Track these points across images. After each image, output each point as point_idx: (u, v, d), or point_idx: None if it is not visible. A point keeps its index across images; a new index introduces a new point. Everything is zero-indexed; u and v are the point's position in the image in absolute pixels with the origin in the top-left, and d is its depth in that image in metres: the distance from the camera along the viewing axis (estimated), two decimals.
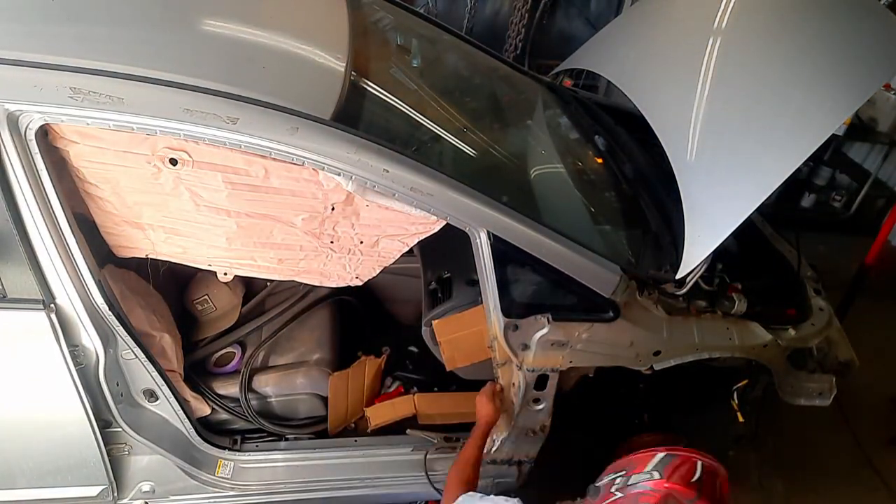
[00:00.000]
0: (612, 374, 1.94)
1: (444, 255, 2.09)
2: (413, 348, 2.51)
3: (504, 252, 1.65)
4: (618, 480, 1.41)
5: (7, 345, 1.57)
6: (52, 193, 1.44)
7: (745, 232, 1.77)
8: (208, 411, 2.03)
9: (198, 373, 2.11)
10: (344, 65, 1.70)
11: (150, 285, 2.02)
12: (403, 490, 2.10)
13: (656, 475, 1.35)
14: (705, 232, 1.72)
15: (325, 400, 2.15)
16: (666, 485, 1.32)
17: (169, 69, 1.40)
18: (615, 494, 1.37)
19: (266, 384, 2.11)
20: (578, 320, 1.78)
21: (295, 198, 1.61)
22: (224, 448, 2.03)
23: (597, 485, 1.46)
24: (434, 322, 1.95)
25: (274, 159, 1.47)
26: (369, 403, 2.23)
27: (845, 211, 4.60)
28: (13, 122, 1.34)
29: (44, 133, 1.40)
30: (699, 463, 1.38)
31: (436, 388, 2.33)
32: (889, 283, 3.81)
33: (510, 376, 1.90)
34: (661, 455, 1.40)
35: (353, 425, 2.24)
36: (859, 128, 4.24)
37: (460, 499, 1.52)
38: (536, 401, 1.94)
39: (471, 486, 1.63)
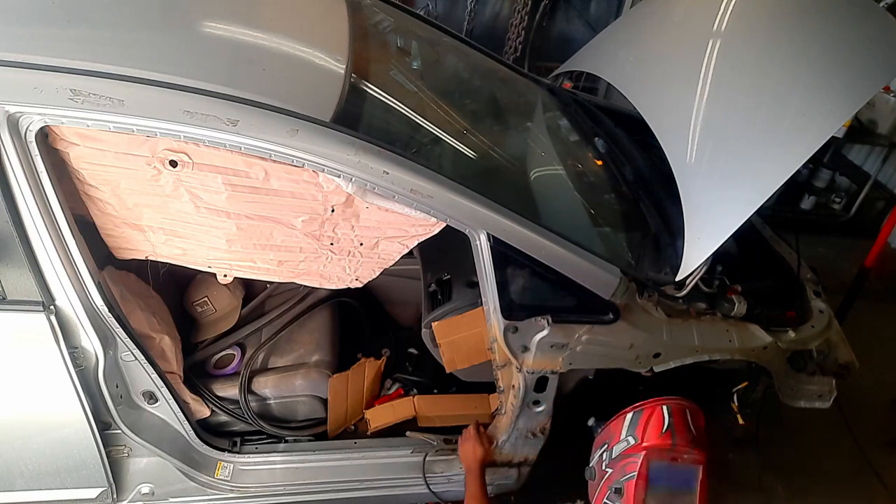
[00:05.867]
0: (612, 376, 1.94)
1: (443, 257, 2.09)
2: (413, 350, 2.51)
3: (504, 254, 1.65)
4: (604, 455, 1.51)
5: (7, 346, 1.57)
6: (52, 195, 1.44)
7: (745, 234, 1.77)
8: (208, 413, 2.03)
9: (197, 375, 2.11)
10: (344, 67, 1.70)
11: (149, 287, 2.02)
12: (403, 492, 2.09)
13: (631, 440, 1.48)
14: (705, 234, 1.72)
15: (324, 402, 2.14)
16: (644, 445, 1.43)
17: (169, 71, 1.40)
18: (607, 471, 1.45)
19: (266, 386, 2.11)
20: (578, 322, 1.78)
21: (295, 200, 1.61)
22: (223, 450, 2.03)
23: (591, 465, 1.54)
24: (434, 324, 1.94)
25: (274, 161, 1.47)
26: (369, 405, 2.23)
27: (845, 213, 4.61)
28: (13, 123, 1.34)
29: (44, 135, 1.40)
30: (664, 408, 1.49)
31: (435, 391, 2.33)
32: (889, 285, 3.81)
33: (510, 378, 1.90)
34: (629, 416, 1.55)
35: (352, 427, 2.23)
36: (859, 130, 4.26)
37: None
38: (536, 403, 1.94)
39: None
